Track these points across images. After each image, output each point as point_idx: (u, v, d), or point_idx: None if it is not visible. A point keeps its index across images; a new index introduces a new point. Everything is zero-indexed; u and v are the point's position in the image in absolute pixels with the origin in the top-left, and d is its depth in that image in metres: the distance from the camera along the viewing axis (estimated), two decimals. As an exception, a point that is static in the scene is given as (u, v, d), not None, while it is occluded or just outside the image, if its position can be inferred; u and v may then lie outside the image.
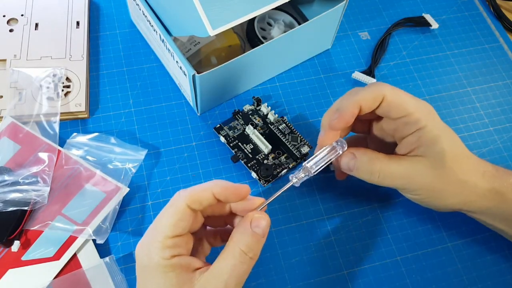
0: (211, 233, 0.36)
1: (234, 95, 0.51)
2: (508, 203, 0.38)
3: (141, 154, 0.46)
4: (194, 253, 0.34)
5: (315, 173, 0.37)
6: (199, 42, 0.50)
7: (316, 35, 0.51)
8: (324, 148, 0.38)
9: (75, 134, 0.46)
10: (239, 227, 0.31)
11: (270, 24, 0.52)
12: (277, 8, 0.51)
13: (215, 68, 0.43)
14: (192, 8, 0.39)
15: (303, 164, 0.38)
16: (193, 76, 0.42)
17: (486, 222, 0.40)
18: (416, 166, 0.36)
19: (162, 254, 0.30)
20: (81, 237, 0.40)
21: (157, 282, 0.30)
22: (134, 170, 0.45)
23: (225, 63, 0.43)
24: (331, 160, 0.38)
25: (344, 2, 0.48)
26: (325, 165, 0.38)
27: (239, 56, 0.44)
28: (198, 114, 0.49)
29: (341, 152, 0.38)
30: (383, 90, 0.36)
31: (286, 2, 0.42)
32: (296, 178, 0.37)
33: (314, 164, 0.37)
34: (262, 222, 0.31)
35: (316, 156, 0.38)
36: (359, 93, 0.37)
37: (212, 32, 0.39)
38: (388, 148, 0.40)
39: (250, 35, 0.51)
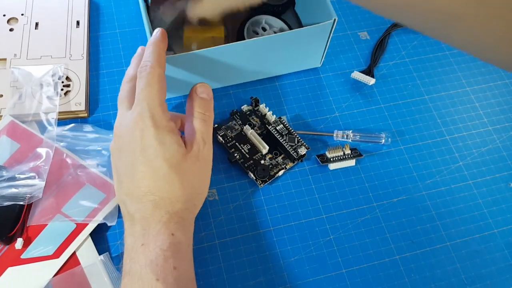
0: None
1: (213, 87, 0.50)
2: None
3: None
4: None
5: None
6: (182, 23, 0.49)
7: (303, 48, 0.49)
8: None
9: (69, 127, 0.46)
10: (190, 97, 0.40)
11: (264, 29, 0.52)
12: (275, 15, 0.51)
13: (182, 53, 0.43)
14: None
15: None
16: None
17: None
18: None
19: (166, 116, 0.36)
20: (92, 223, 0.42)
21: (160, 146, 0.35)
22: None
23: (192, 51, 0.43)
24: None
25: (332, 20, 0.46)
26: None
27: (209, 48, 0.43)
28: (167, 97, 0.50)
29: None
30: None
31: (289, 10, 0.42)
32: None
33: None
34: (205, 89, 0.40)
35: None
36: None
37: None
38: None
39: (239, 34, 0.51)
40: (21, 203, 0.40)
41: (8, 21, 0.52)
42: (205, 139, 0.38)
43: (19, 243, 0.40)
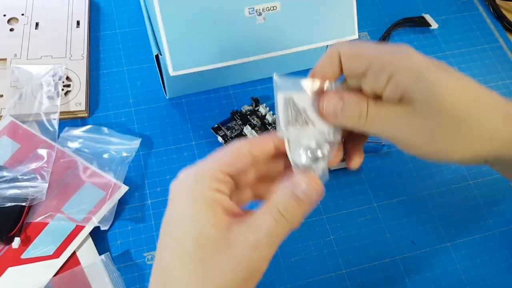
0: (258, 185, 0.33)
1: (213, 86, 0.51)
2: None
3: (135, 143, 0.46)
4: (236, 202, 0.31)
5: None
6: None
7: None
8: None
9: (67, 128, 0.46)
10: (282, 185, 0.28)
11: None
12: None
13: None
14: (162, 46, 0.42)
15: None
16: (156, 56, 0.44)
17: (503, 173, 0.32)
18: (405, 114, 0.29)
19: (210, 183, 0.28)
20: (87, 226, 0.41)
21: (195, 213, 0.27)
22: (130, 159, 0.45)
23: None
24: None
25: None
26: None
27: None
28: (167, 97, 0.50)
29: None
30: (338, 49, 0.31)
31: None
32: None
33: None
34: (305, 186, 0.28)
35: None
36: (319, 62, 0.32)
37: (172, 73, 0.42)
38: None
39: None
40: (24, 204, 0.40)
41: (8, 21, 0.52)
42: (261, 246, 0.27)
43: (15, 242, 0.40)
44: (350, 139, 0.33)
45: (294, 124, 0.31)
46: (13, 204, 0.40)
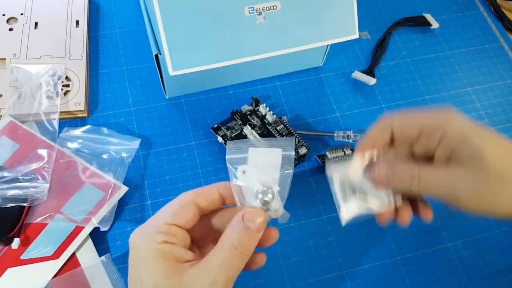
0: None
1: (213, 86, 0.51)
2: None
3: (135, 143, 0.46)
4: (201, 254, 0.33)
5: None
6: None
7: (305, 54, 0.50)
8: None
9: (66, 128, 0.46)
10: (232, 220, 0.30)
11: None
12: None
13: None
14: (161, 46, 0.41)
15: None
16: (156, 56, 0.44)
17: None
18: (455, 173, 0.32)
19: (155, 237, 0.29)
20: (87, 227, 0.41)
21: (146, 267, 0.29)
22: (129, 160, 0.45)
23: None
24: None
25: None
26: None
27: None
28: (166, 97, 0.50)
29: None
30: (390, 121, 0.35)
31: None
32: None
33: None
34: (255, 216, 0.30)
35: None
36: (369, 131, 0.36)
37: (172, 73, 0.41)
38: None
39: None
40: (25, 204, 0.40)
41: (7, 20, 0.51)
42: (219, 283, 0.28)
43: (15, 243, 0.39)
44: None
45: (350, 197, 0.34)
46: (14, 204, 0.40)
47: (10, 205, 0.40)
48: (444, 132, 0.33)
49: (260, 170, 0.31)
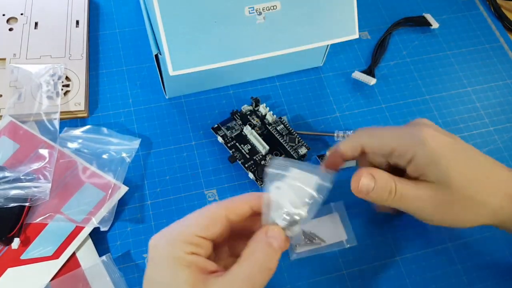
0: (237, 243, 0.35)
1: (213, 86, 0.51)
2: None
3: (135, 143, 0.46)
4: (215, 260, 0.33)
5: None
6: None
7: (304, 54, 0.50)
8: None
9: (66, 128, 0.46)
10: (256, 236, 0.31)
11: None
12: None
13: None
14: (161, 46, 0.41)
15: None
16: (156, 56, 0.44)
17: None
18: (427, 190, 0.35)
19: (184, 247, 0.30)
20: (87, 227, 0.41)
21: (170, 275, 0.29)
22: (129, 160, 0.45)
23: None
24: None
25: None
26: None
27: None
28: (166, 97, 0.50)
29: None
30: (359, 141, 0.37)
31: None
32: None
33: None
34: (278, 234, 0.31)
35: None
36: (340, 145, 0.38)
37: (172, 73, 0.41)
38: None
39: None
40: (27, 204, 0.40)
41: (7, 20, 0.51)
42: None
43: (15, 243, 0.39)
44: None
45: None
46: (17, 204, 0.40)
47: (12, 205, 0.40)
48: (414, 155, 0.35)
49: (294, 192, 0.31)
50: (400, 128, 0.37)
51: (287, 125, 0.48)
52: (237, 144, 0.47)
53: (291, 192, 0.31)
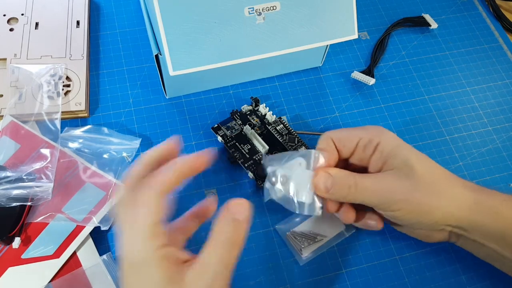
0: (186, 220, 0.35)
1: (213, 86, 0.51)
2: (501, 220, 0.36)
3: (136, 143, 0.46)
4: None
5: None
6: None
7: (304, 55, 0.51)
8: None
9: (67, 128, 0.46)
10: (219, 215, 0.31)
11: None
12: None
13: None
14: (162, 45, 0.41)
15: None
16: (156, 56, 0.44)
17: (478, 241, 0.38)
18: (389, 178, 0.36)
19: (152, 243, 0.29)
20: (87, 226, 0.41)
21: (147, 277, 0.29)
22: (130, 159, 0.45)
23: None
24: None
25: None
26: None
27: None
28: (167, 97, 0.50)
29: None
30: (329, 135, 0.38)
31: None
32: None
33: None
34: (241, 208, 0.31)
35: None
36: (318, 145, 0.39)
37: (172, 73, 0.41)
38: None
39: None
40: (29, 204, 0.40)
41: (8, 21, 0.52)
42: (219, 279, 0.29)
43: (16, 242, 0.40)
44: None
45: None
46: (19, 204, 0.40)
47: (14, 204, 0.40)
48: (378, 143, 0.36)
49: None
50: (362, 127, 0.40)
51: (287, 125, 0.48)
52: (237, 144, 0.47)
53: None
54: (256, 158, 0.46)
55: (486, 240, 0.37)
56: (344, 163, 0.40)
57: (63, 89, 0.48)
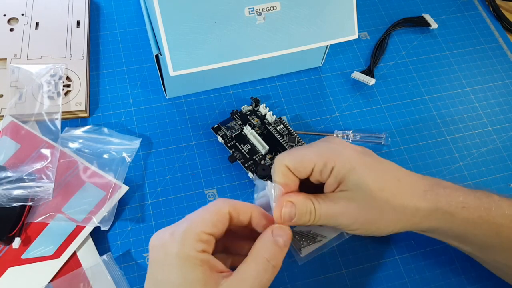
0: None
1: (213, 86, 0.51)
2: (458, 223, 0.37)
3: (136, 143, 0.46)
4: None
5: None
6: None
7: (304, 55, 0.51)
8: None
9: (67, 128, 0.46)
10: (262, 236, 0.32)
11: None
12: None
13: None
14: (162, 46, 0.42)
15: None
16: (156, 56, 0.44)
17: (439, 239, 0.39)
18: (340, 203, 0.36)
19: (196, 246, 0.30)
20: (87, 226, 0.41)
21: (180, 274, 0.29)
22: (130, 159, 0.45)
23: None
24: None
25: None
26: None
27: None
28: (167, 97, 0.50)
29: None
30: (283, 163, 0.36)
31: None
32: None
33: None
34: (283, 232, 0.32)
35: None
36: (275, 179, 0.38)
37: (172, 73, 0.41)
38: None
39: None
40: (30, 204, 0.40)
41: (8, 21, 0.52)
42: None
43: (16, 242, 0.40)
44: None
45: None
46: (20, 204, 0.40)
47: (15, 204, 0.40)
48: (333, 167, 0.35)
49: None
50: (316, 144, 0.38)
51: (287, 125, 0.48)
52: (237, 144, 0.47)
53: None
54: (256, 158, 0.46)
55: (448, 240, 0.39)
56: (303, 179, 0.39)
57: (63, 89, 0.48)
